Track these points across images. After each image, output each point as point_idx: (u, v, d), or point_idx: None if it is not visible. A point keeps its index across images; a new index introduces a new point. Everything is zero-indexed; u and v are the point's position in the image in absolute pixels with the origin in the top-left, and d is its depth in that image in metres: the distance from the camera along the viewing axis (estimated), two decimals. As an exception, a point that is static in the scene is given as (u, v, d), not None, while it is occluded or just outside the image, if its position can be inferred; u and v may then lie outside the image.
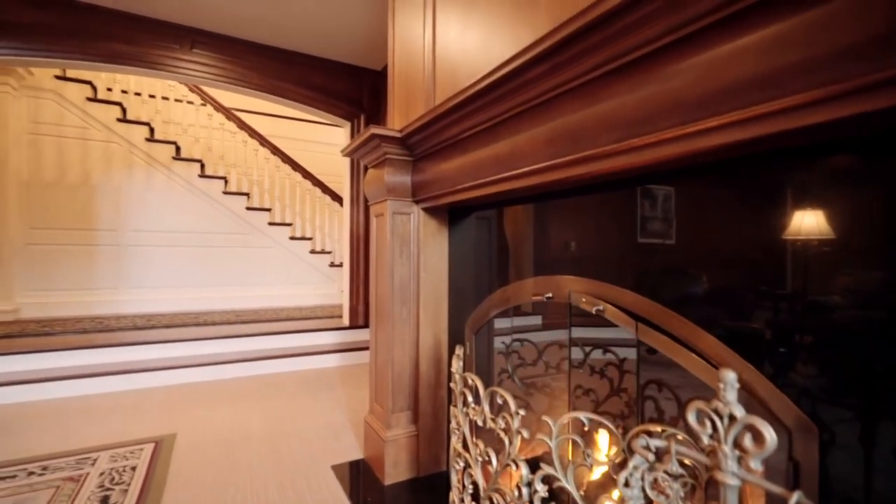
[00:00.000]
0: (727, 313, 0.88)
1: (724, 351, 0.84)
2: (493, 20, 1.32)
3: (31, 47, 2.82)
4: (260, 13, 3.05)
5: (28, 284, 4.26)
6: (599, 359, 1.18)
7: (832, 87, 0.56)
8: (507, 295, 1.52)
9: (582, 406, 1.22)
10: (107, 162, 4.57)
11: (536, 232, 1.48)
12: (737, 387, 0.59)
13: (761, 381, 0.79)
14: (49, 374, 2.76)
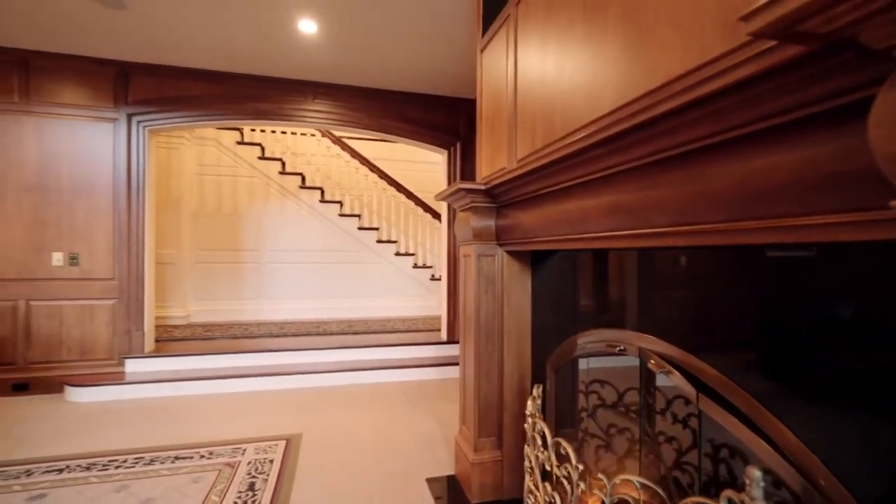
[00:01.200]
0: (793, 394, 0.88)
1: (787, 436, 0.85)
2: (561, 93, 1.42)
3: (200, 113, 3.58)
4: (367, 65, 3.46)
5: (197, 295, 5.30)
6: (680, 408, 1.21)
7: (855, 214, 0.59)
8: (584, 340, 1.59)
9: (655, 457, 1.26)
10: (250, 194, 5.49)
11: (615, 279, 1.53)
12: (762, 485, 0.64)
13: (826, 474, 0.79)
14: (210, 374, 3.45)
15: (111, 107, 3.42)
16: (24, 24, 2.89)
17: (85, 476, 2.15)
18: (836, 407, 0.81)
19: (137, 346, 3.51)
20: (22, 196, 3.30)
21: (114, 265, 3.46)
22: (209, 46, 3.19)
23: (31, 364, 3.32)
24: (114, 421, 2.83)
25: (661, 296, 1.30)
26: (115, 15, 2.77)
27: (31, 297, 3.31)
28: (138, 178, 3.49)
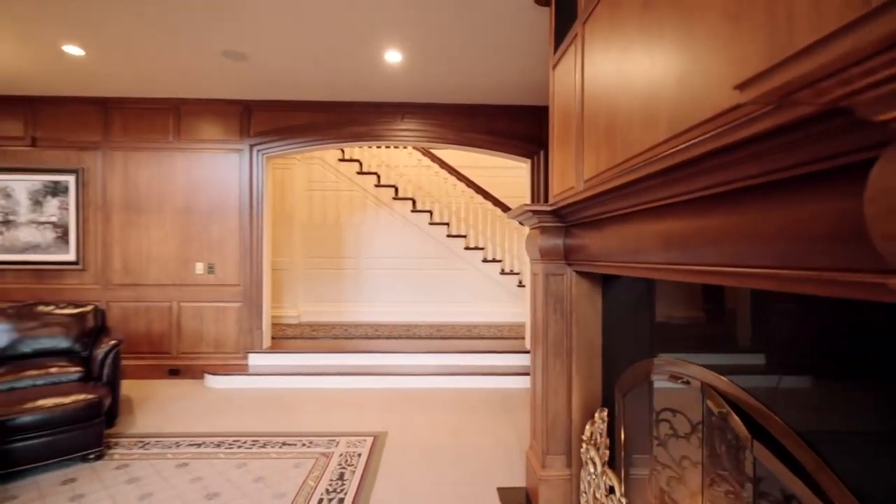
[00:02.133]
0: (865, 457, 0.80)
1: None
2: (621, 116, 1.40)
3: (306, 140, 4.06)
4: (450, 84, 3.62)
5: (306, 297, 5.97)
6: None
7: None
8: (650, 368, 1.54)
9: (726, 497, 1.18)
10: (350, 206, 6.02)
11: (690, 305, 1.46)
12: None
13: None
14: (314, 370, 3.89)
15: (238, 139, 4.05)
16: (177, 79, 3.57)
17: (215, 452, 2.60)
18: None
19: (258, 343, 4.08)
20: (175, 217, 4.05)
21: (240, 273, 4.07)
22: (312, 82, 3.62)
23: (181, 354, 4.06)
24: (238, 406, 3.35)
25: (736, 329, 1.22)
26: (240, 65, 3.29)
27: (181, 299, 4.05)
28: (258, 199, 4.07)
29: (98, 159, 4.02)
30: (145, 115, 4.02)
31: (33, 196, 3.99)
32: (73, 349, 3.07)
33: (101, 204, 4.04)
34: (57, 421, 2.34)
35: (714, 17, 0.91)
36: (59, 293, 4.01)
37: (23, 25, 2.74)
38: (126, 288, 4.05)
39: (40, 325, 3.04)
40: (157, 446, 2.66)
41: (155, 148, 4.03)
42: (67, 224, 4.00)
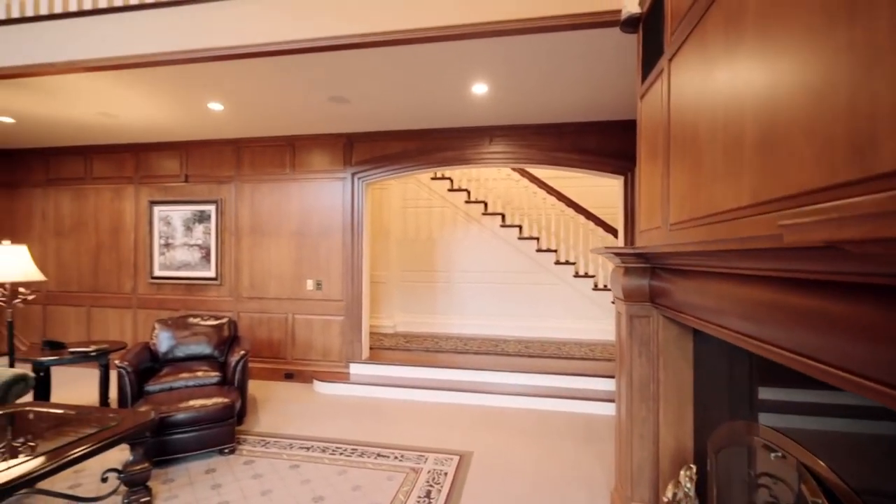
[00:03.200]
0: None
1: None
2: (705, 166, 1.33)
3: (400, 166, 4.36)
4: (537, 106, 3.63)
5: (401, 308, 6.35)
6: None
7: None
8: (745, 431, 1.43)
9: None
10: (441, 222, 6.28)
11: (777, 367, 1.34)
12: None
13: None
14: (407, 382, 4.14)
15: (341, 168, 4.48)
16: (292, 121, 4.08)
17: (321, 456, 2.93)
18: None
19: (358, 354, 4.47)
20: (290, 239, 4.62)
21: (343, 290, 4.50)
22: (405, 115, 3.89)
23: (294, 360, 4.61)
24: (340, 412, 3.72)
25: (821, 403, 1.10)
26: (343, 107, 3.67)
27: (295, 312, 4.60)
28: (359, 223, 4.46)
29: (232, 191, 4.75)
30: (267, 152, 4.66)
31: (186, 223, 4.84)
32: (213, 355, 3.67)
33: (234, 229, 4.75)
34: (202, 419, 2.84)
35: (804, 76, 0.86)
36: (202, 304, 4.81)
37: (181, 93, 3.38)
38: (252, 301, 4.71)
39: (190, 333, 3.68)
40: (275, 446, 3.07)
41: (274, 179, 4.64)
42: (210, 246, 4.78)
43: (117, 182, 5.06)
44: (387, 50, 2.60)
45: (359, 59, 2.76)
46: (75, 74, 2.99)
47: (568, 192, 6.30)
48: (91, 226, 5.14)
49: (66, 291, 5.17)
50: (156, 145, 4.91)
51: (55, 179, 5.23)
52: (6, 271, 3.17)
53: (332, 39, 2.54)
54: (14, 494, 1.81)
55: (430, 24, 2.42)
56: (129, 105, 3.68)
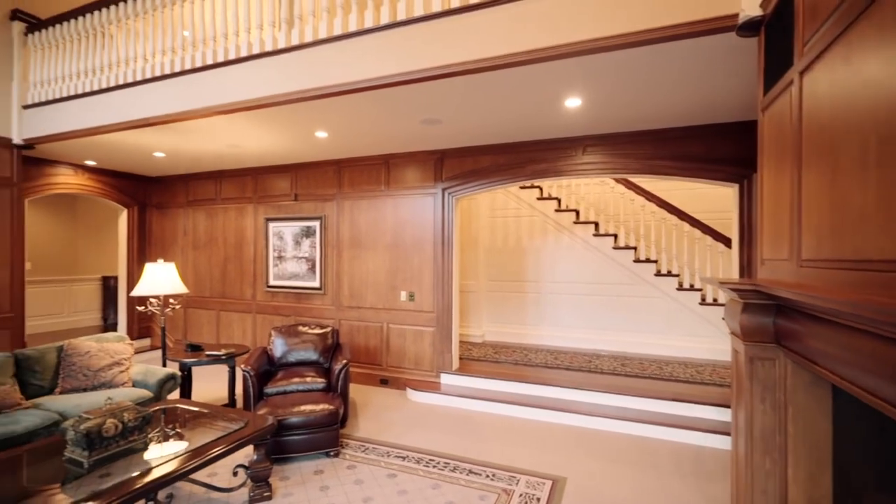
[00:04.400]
0: None
1: None
2: (846, 203, 1.15)
3: (490, 180, 4.38)
4: (635, 115, 3.42)
5: (490, 318, 6.37)
6: None
7: None
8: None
9: None
10: (530, 231, 6.17)
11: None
12: None
13: None
14: (496, 396, 4.14)
15: (432, 184, 4.63)
16: (387, 142, 4.31)
17: (415, 467, 3.05)
18: None
19: (448, 364, 4.58)
20: (385, 252, 4.88)
21: (433, 301, 4.64)
22: (495, 131, 3.90)
23: (389, 367, 4.86)
24: (432, 423, 3.83)
25: None
26: (435, 127, 3.79)
27: (389, 321, 4.85)
28: (448, 237, 4.57)
29: (334, 208, 5.15)
30: (364, 170, 4.97)
31: (295, 237, 5.35)
32: (319, 361, 4.01)
33: (336, 242, 5.14)
34: (311, 423, 3.12)
35: None
36: (309, 311, 5.27)
37: (293, 125, 3.74)
38: (352, 309, 5.05)
39: (300, 341, 4.06)
40: (374, 453, 3.27)
41: (371, 196, 4.94)
42: (315, 258, 5.23)
43: (240, 202, 5.75)
44: (482, 75, 2.63)
45: (453, 85, 2.83)
46: (211, 118, 3.47)
47: (671, 198, 5.85)
48: (220, 240, 5.91)
49: (201, 297, 6.00)
50: (271, 168, 5.50)
51: (193, 201, 6.10)
52: (161, 286, 3.77)
53: (430, 70, 2.63)
54: (172, 484, 2.15)
55: (528, 48, 2.40)
56: (252, 137, 4.17)
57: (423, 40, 2.67)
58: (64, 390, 3.21)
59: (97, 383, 3.31)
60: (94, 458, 2.09)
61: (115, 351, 3.48)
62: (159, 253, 6.34)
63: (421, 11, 2.65)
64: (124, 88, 3.80)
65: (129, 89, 3.77)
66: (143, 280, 3.79)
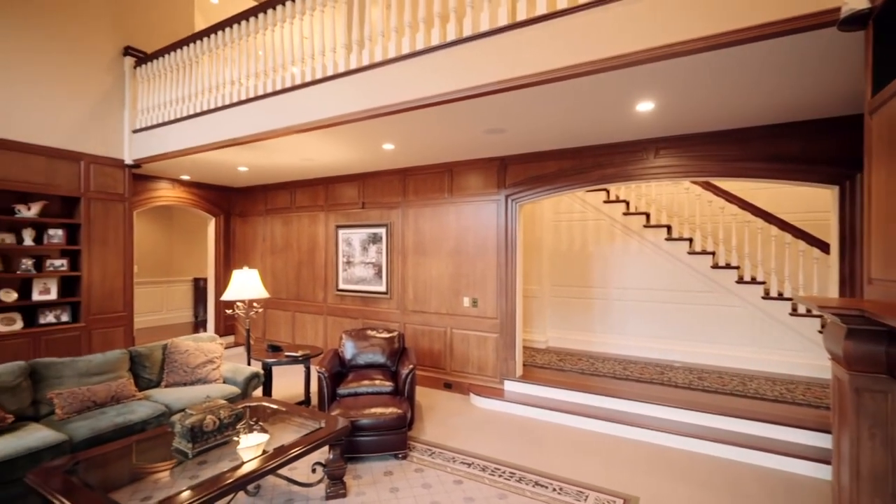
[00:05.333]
0: None
1: None
2: None
3: (554, 186, 4.30)
4: (719, 112, 3.20)
5: (553, 324, 6.25)
6: None
7: None
8: None
9: None
10: (596, 235, 5.97)
11: None
12: None
13: None
14: (560, 406, 4.06)
15: (495, 191, 4.63)
16: (450, 150, 4.37)
17: (481, 475, 3.08)
18: None
19: (511, 371, 4.56)
20: (448, 258, 4.95)
21: (497, 307, 4.64)
22: (560, 138, 3.83)
23: (453, 371, 4.93)
24: (497, 430, 3.84)
25: None
26: (498, 135, 3.79)
27: (452, 326, 4.92)
28: (512, 244, 4.55)
29: (399, 215, 5.31)
30: (428, 179, 5.08)
31: (362, 244, 5.59)
32: (386, 364, 4.16)
33: (401, 248, 5.30)
34: (381, 426, 3.25)
35: None
36: (376, 314, 5.48)
37: (362, 139, 3.92)
38: (416, 314, 5.19)
39: (369, 344, 4.24)
40: (440, 457, 3.34)
41: (434, 203, 5.04)
42: (381, 264, 5.43)
43: (312, 210, 6.11)
44: (550, 85, 2.60)
45: (519, 97, 2.82)
46: (289, 136, 3.73)
47: (755, 198, 5.41)
48: (294, 246, 6.32)
49: (278, 299, 6.44)
50: (340, 178, 5.79)
51: (271, 209, 6.57)
52: (246, 291, 4.12)
53: (495, 84, 2.65)
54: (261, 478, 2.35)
55: (599, 56, 2.34)
56: (324, 151, 4.42)
57: (488, 55, 2.69)
58: (168, 384, 3.61)
59: (194, 379, 3.68)
60: (197, 449, 2.34)
61: (208, 350, 3.85)
62: (241, 257, 6.90)
63: (486, 27, 2.67)
64: (214, 112, 4.19)
65: (219, 113, 4.15)
66: (231, 285, 4.15)
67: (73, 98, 4.63)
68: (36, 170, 4.39)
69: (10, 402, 2.79)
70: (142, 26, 5.20)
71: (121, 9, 5.01)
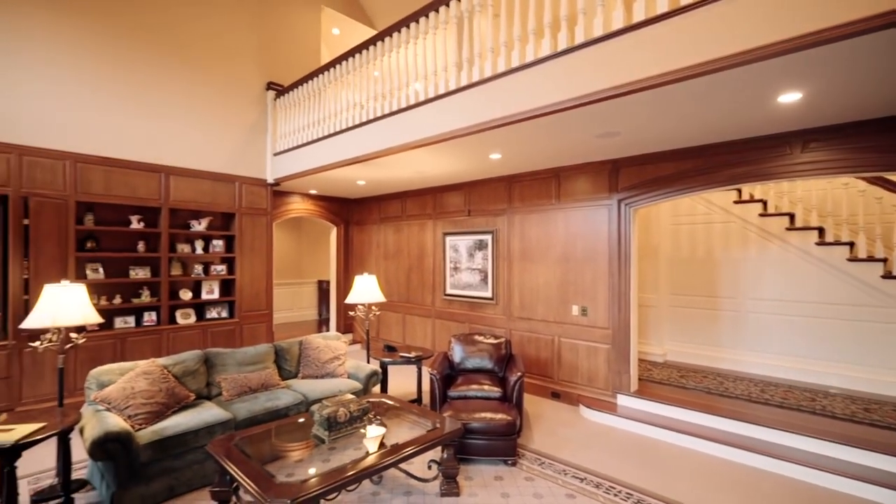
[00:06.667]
0: None
1: None
2: None
3: (674, 189, 3.98)
4: (890, 96, 2.69)
5: (673, 336, 5.76)
6: None
7: None
8: None
9: None
10: (725, 239, 5.37)
11: None
12: None
13: None
14: (682, 426, 3.72)
15: (606, 195, 4.43)
16: (558, 155, 4.30)
17: (595, 492, 2.97)
18: None
19: (625, 385, 4.31)
20: (555, 265, 4.86)
21: (609, 317, 4.43)
22: (681, 136, 3.54)
23: (560, 381, 4.82)
24: (610, 446, 3.66)
25: None
26: (611, 139, 3.64)
27: (560, 335, 4.81)
28: (625, 248, 4.31)
29: (504, 222, 5.36)
30: (534, 185, 5.05)
31: (468, 250, 5.74)
32: (493, 370, 4.23)
33: (507, 255, 5.34)
34: (490, 431, 3.32)
35: None
36: (481, 319, 5.59)
37: (470, 151, 4.05)
38: (522, 320, 5.18)
39: (476, 349, 4.34)
40: (550, 468, 3.30)
41: (541, 209, 4.99)
42: (487, 270, 5.52)
43: (421, 218, 6.45)
44: (672, 86, 2.44)
45: (637, 100, 2.69)
46: (405, 152, 4.01)
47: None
48: (405, 252, 6.73)
49: (390, 301, 6.91)
50: (447, 187, 6.03)
51: (384, 218, 7.08)
52: (366, 295, 4.51)
53: (613, 90, 2.55)
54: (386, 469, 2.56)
55: (732, 51, 2.14)
56: (434, 163, 4.66)
57: (603, 60, 2.60)
58: (304, 376, 4.10)
59: (323, 373, 4.12)
60: (332, 437, 2.64)
61: (335, 347, 4.29)
62: (358, 262, 7.54)
63: (600, 32, 2.60)
64: (339, 134, 4.67)
65: (343, 134, 4.62)
66: (354, 289, 4.57)
67: (229, 130, 5.52)
68: (204, 191, 5.31)
69: (192, 383, 3.43)
70: (279, 63, 6.00)
71: (263, 50, 5.85)
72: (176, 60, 5.06)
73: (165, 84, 4.99)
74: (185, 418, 2.99)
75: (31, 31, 4.14)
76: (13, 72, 4.05)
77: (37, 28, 4.16)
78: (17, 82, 4.07)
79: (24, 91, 4.11)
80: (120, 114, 4.69)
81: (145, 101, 4.85)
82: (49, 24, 4.23)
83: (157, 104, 4.94)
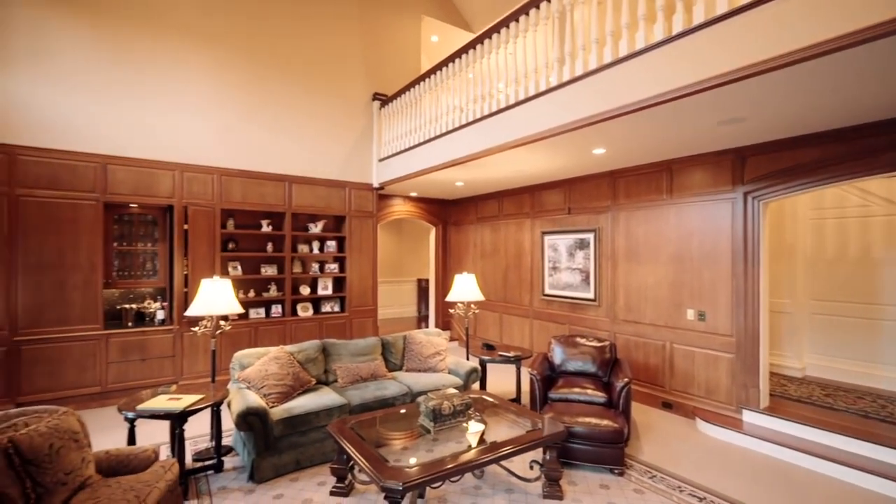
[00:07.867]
0: None
1: None
2: None
3: (816, 178, 3.45)
4: None
5: (814, 348, 4.98)
6: None
7: None
8: None
9: None
10: (888, 235, 4.50)
11: None
12: None
13: None
14: (829, 454, 3.20)
15: (729, 188, 3.99)
16: (671, 147, 3.97)
17: (717, 515, 2.70)
18: None
19: (753, 400, 3.83)
20: (667, 265, 4.50)
21: (732, 324, 3.98)
22: (828, 116, 3.04)
23: (672, 390, 4.44)
24: (734, 467, 3.29)
25: None
26: (735, 126, 3.26)
27: (672, 340, 4.44)
28: (754, 247, 3.83)
29: (608, 220, 5.09)
30: (641, 180, 4.72)
31: (569, 249, 5.56)
32: (597, 374, 4.04)
33: (611, 254, 5.07)
34: (595, 437, 3.19)
35: None
36: (582, 321, 5.38)
37: (572, 148, 3.93)
38: (628, 323, 4.88)
39: (578, 352, 4.19)
40: (663, 483, 3.06)
41: (649, 206, 4.65)
42: (589, 270, 5.30)
43: (518, 217, 6.40)
44: (819, 59, 2.13)
45: (774, 79, 2.38)
46: (503, 152, 4.03)
47: None
48: (502, 251, 6.73)
49: (487, 300, 6.96)
50: (545, 185, 5.90)
51: (481, 218, 7.16)
52: (466, 293, 4.62)
53: (747, 69, 2.27)
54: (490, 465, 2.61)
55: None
56: (533, 162, 4.60)
57: (731, 37, 2.35)
58: (408, 369, 4.33)
59: (425, 367, 4.31)
60: (437, 428, 2.76)
61: (436, 343, 4.46)
62: (455, 261, 7.72)
63: (726, 7, 2.35)
64: (439, 138, 4.83)
65: (443, 138, 4.77)
66: (454, 288, 4.71)
67: (340, 140, 6.03)
68: (320, 196, 5.87)
69: (312, 369, 3.82)
70: (383, 74, 6.40)
71: (369, 63, 6.28)
72: (294, 80, 5.66)
73: (287, 101, 5.62)
74: (308, 400, 3.34)
75: (188, 74, 4.95)
76: (178, 114, 4.89)
77: (192, 73, 4.97)
78: (181, 117, 4.90)
79: (185, 123, 4.93)
80: (255, 131, 5.38)
81: (272, 117, 5.51)
82: (202, 71, 5.02)
83: (282, 119, 5.58)
